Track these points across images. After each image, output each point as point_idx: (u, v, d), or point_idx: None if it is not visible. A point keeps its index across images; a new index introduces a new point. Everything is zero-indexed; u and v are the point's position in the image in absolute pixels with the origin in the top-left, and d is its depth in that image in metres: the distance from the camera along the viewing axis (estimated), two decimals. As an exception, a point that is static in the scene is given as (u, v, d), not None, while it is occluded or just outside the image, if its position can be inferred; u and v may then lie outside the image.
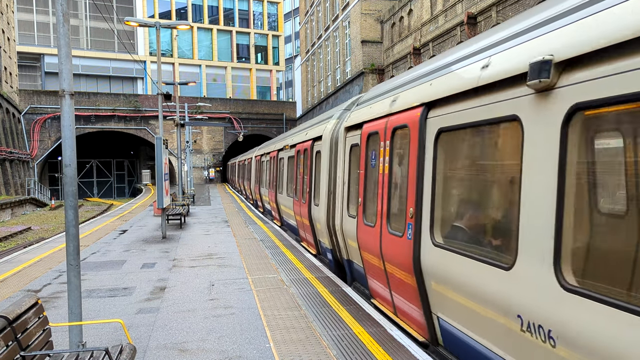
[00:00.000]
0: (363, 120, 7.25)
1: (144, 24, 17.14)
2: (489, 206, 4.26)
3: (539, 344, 3.24)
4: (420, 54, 27.13)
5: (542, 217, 3.24)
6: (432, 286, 4.87)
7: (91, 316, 6.70)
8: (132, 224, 18.48)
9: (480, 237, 4.30)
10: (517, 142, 3.60)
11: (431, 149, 4.95)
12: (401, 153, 5.80)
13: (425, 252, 4.96)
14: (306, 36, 50.56)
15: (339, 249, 8.85)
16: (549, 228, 3.17)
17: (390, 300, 6.22)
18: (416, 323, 5.46)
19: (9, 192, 38.24)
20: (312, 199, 10.51)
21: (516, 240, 3.51)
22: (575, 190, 3.09)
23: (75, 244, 4.91)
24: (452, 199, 4.79)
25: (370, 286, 7.03)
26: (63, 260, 10.63)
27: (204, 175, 55.25)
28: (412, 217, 5.20)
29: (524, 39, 3.64)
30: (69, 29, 4.91)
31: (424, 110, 5.13)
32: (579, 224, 3.07)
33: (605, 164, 3.09)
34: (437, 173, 4.85)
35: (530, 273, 3.34)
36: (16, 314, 3.72)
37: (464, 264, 4.21)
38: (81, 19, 61.77)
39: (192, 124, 30.72)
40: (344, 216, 8.11)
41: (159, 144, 13.10)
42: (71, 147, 4.91)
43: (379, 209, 6.27)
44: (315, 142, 10.55)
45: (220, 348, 5.47)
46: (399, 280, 5.66)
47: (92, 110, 49.77)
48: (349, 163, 8.09)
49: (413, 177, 5.23)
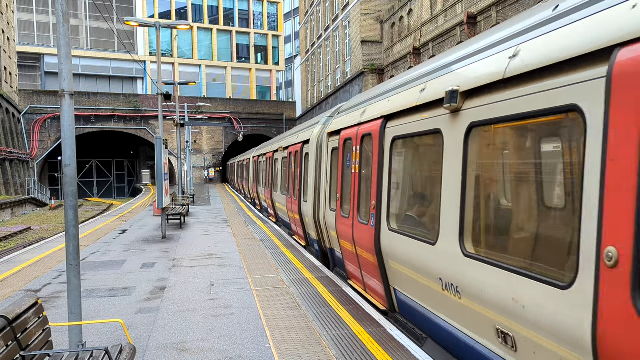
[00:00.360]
0: (341, 127, 8.40)
1: (144, 24, 17.15)
2: (424, 199, 5.53)
3: (452, 297, 4.47)
4: (420, 54, 27.13)
5: (454, 206, 4.44)
6: (389, 263, 6.09)
7: (91, 316, 6.71)
8: (132, 224, 18.48)
9: (419, 223, 5.59)
10: (441, 149, 4.72)
11: (388, 153, 6.20)
12: (367, 156, 6.98)
13: (383, 236, 6.16)
14: (306, 36, 50.57)
15: (323, 239, 10.03)
16: (457, 212, 4.38)
17: (361, 279, 7.47)
18: (380, 296, 6.69)
19: (9, 192, 38.25)
20: (301, 196, 11.64)
21: (439, 223, 4.67)
22: (473, 186, 4.29)
23: (75, 244, 4.91)
24: (401, 193, 6.12)
25: (347, 269, 8.25)
26: (63, 260, 10.63)
27: (204, 175, 55.25)
28: (374, 209, 6.46)
29: (445, 72, 4.84)
30: (69, 29, 4.92)
31: (383, 122, 6.35)
32: (475, 210, 4.28)
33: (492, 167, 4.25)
34: (391, 173, 6.14)
35: (446, 246, 4.52)
36: (16, 313, 3.72)
37: (408, 243, 5.42)
38: (81, 19, 61.79)
39: (192, 124, 30.72)
40: (326, 210, 9.29)
41: (159, 144, 13.10)
42: (71, 147, 4.91)
43: (352, 203, 7.46)
44: (305, 145, 11.68)
45: (220, 348, 5.48)
46: (366, 261, 6.91)
47: (92, 110, 49.77)
48: (331, 164, 9.33)
49: (375, 176, 6.51)
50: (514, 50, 3.73)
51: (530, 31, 3.65)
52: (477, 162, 4.28)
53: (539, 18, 3.63)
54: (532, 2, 17.89)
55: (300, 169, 11.86)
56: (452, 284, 4.44)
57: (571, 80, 3.08)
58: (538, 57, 3.39)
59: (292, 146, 13.29)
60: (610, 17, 2.81)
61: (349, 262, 7.95)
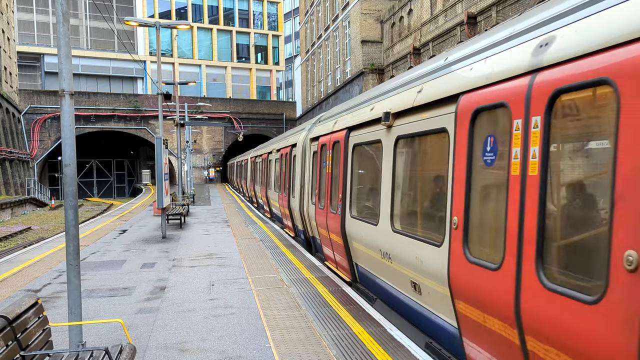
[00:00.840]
0: (319, 135, 10.09)
1: (144, 23, 17.14)
2: (372, 192, 7.14)
3: (386, 262, 6.22)
4: (420, 54, 27.13)
5: (387, 196, 6.20)
6: (352, 244, 7.73)
7: (91, 316, 6.70)
8: (132, 223, 18.48)
9: (369, 210, 7.26)
10: (380, 155, 6.50)
11: (350, 157, 7.92)
12: (337, 159, 8.64)
13: (347, 222, 7.86)
14: (306, 36, 50.56)
15: (307, 229, 11.70)
16: (389, 201, 6.14)
17: (333, 259, 9.21)
18: (346, 270, 8.43)
19: (9, 192, 38.25)
20: (290, 193, 13.32)
21: (380, 209, 6.42)
22: (398, 182, 6.08)
23: (75, 244, 4.91)
24: (358, 188, 7.82)
25: (324, 252, 10.05)
26: (63, 260, 10.63)
27: (204, 175, 55.23)
28: (340, 201, 8.18)
29: (384, 97, 6.65)
30: (69, 29, 4.91)
31: (347, 132, 8.05)
32: (400, 199, 6.05)
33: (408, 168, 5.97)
34: (352, 172, 7.85)
35: (383, 226, 6.28)
36: (16, 313, 3.72)
37: (362, 226, 7.13)
38: (81, 19, 61.78)
39: (192, 123, 30.73)
40: (309, 204, 10.92)
41: (159, 144, 13.10)
42: (71, 147, 4.91)
43: (327, 197, 9.12)
44: (293, 148, 13.46)
45: (220, 348, 5.47)
46: (336, 243, 8.60)
47: (92, 110, 49.75)
48: (312, 165, 10.88)
49: (341, 175, 8.23)
50: (420, 87, 5.42)
51: (429, 75, 5.33)
52: (400, 165, 6.02)
53: (434, 66, 5.34)
54: (531, 2, 17.89)
55: (289, 169, 13.58)
56: (386, 252, 6.19)
57: (442, 112, 4.80)
58: (429, 94, 5.07)
59: (283, 149, 15.05)
60: (458, 75, 4.60)
61: (325, 246, 9.73)
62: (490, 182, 4.13)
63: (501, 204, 3.77)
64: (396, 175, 6.06)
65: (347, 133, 7.96)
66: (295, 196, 12.47)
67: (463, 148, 4.36)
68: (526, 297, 3.35)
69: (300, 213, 11.90)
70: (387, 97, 6.50)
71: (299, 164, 12.21)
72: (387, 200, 6.17)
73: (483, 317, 3.95)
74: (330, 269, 9.53)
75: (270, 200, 18.51)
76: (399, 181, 6.05)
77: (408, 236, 5.50)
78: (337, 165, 8.47)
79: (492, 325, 3.82)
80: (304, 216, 11.51)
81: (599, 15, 2.96)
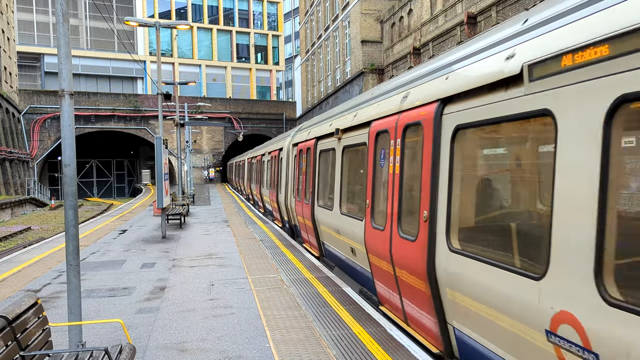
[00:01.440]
0: (298, 141, 12.61)
1: (144, 23, 17.13)
2: (330, 187, 9.19)
3: (337, 236, 8.47)
4: (420, 54, 27.12)
5: (337, 190, 8.44)
6: (320, 227, 9.88)
7: (91, 316, 6.70)
8: (132, 223, 18.48)
9: (329, 200, 9.35)
10: (334, 159, 8.81)
11: (317, 160, 10.26)
12: (309, 161, 11.08)
13: (315, 210, 10.07)
14: (306, 36, 50.55)
15: (290, 219, 14.11)
16: (339, 193, 8.44)
17: (308, 240, 11.47)
18: (316, 247, 10.70)
19: (9, 192, 38.25)
20: (278, 189, 15.73)
21: (333, 199, 8.73)
22: (344, 179, 8.30)
23: (75, 244, 4.91)
24: (322, 184, 9.86)
25: (302, 236, 12.42)
26: (63, 260, 10.62)
27: (204, 175, 55.22)
28: (311, 194, 10.46)
29: (336, 117, 9.08)
30: (69, 29, 4.91)
31: (316, 141, 10.39)
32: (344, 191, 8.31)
33: (348, 169, 8.23)
34: (319, 171, 9.99)
35: (336, 210, 8.53)
36: (16, 313, 3.72)
37: (325, 212, 9.24)
38: (81, 19, 61.77)
39: (192, 123, 30.72)
40: (291, 198, 13.28)
41: (159, 144, 13.10)
42: (71, 147, 4.91)
43: (302, 191, 11.25)
44: (280, 152, 15.91)
45: (220, 348, 5.47)
46: (309, 228, 10.84)
47: (92, 110, 49.74)
48: (293, 166, 13.13)
49: (312, 173, 10.52)
50: (355, 112, 7.78)
51: (360, 105, 7.77)
52: (346, 167, 8.30)
53: (366, 98, 7.69)
54: (531, 2, 17.89)
55: (277, 169, 16.09)
56: (337, 229, 8.47)
57: (363, 132, 7.22)
58: (359, 118, 7.42)
59: (273, 152, 17.68)
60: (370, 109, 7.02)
61: (302, 230, 12.00)
62: (383, 178, 6.34)
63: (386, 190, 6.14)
64: (343, 174, 8.42)
65: (316, 142, 10.09)
66: (281, 192, 14.99)
67: (372, 155, 6.73)
68: (394, 244, 5.77)
69: (285, 206, 14.38)
70: (339, 117, 8.92)
71: (284, 165, 14.63)
72: (338, 192, 8.53)
73: (379, 261, 6.34)
74: (306, 248, 11.74)
75: (263, 197, 20.99)
76: (344, 178, 8.36)
77: (348, 216, 7.85)
78: (309, 167, 10.57)
79: (381, 264, 6.27)
80: (288, 208, 13.98)
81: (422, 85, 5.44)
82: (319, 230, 10.09)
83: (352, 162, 8.14)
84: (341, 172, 8.45)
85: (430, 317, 5.03)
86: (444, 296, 4.72)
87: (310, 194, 10.51)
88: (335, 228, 8.55)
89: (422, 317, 5.24)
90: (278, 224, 16.95)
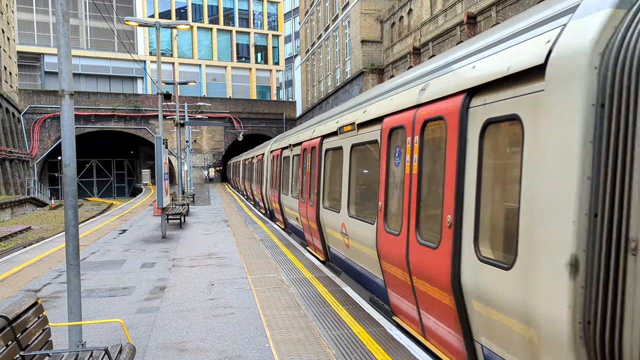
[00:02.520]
0: (273, 149, 16.80)
1: (144, 23, 17.13)
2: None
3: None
4: (420, 54, 27.12)
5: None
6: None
7: (91, 316, 6.71)
8: (132, 223, 18.48)
9: (293, 188, 12.90)
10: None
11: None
12: (277, 164, 15.52)
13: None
14: (306, 36, 50.54)
15: (267, 204, 19.04)
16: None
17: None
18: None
19: (9, 191, 38.24)
20: (261, 184, 20.60)
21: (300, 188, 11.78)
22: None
23: (75, 244, 4.91)
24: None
25: (276, 217, 16.87)
26: (63, 260, 10.63)
27: (204, 174, 55.21)
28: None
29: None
30: (69, 29, 4.92)
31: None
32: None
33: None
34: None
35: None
36: (16, 313, 3.72)
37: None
38: (81, 19, 61.74)
39: (192, 123, 30.72)
40: (268, 189, 17.67)
41: (159, 144, 13.10)
42: (71, 147, 4.91)
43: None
44: (263, 156, 20.67)
45: (220, 348, 5.48)
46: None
47: (92, 109, 49.73)
48: (269, 167, 18.11)
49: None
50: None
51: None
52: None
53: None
54: (531, 2, 17.89)
55: (261, 169, 20.83)
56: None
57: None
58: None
59: (259, 155, 22.71)
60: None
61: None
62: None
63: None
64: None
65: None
66: (264, 186, 19.81)
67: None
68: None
69: (265, 195, 19.39)
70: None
71: (264, 166, 19.63)
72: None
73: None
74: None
75: (253, 191, 25.49)
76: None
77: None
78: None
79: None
80: (267, 197, 18.97)
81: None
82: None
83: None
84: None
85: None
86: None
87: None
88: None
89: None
90: (261, 211, 21.62)
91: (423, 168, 5.11)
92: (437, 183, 4.82)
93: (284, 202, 14.47)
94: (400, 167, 5.68)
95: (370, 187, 7.08)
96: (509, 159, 3.91)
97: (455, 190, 4.31)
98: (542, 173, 3.26)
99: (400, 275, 5.61)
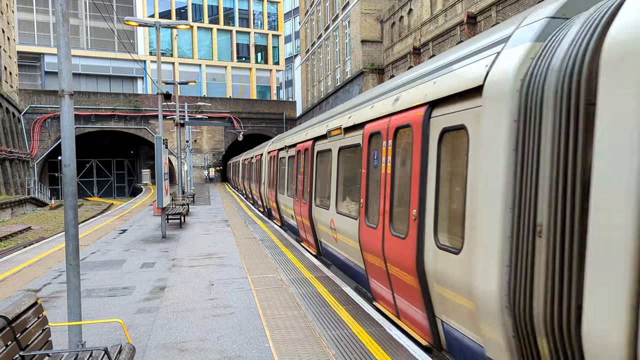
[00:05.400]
0: (271, 150, 17.78)
1: (144, 23, 17.12)
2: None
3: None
4: (420, 54, 27.12)
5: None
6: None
7: (91, 316, 6.71)
8: (132, 223, 18.48)
9: (288, 185, 13.85)
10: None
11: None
12: (273, 164, 16.85)
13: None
14: (306, 36, 50.53)
15: (265, 202, 19.80)
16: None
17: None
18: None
19: (9, 191, 38.24)
20: (260, 184, 21.68)
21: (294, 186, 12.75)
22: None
23: (75, 244, 4.91)
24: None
25: (273, 215, 17.47)
26: (63, 260, 10.63)
27: (204, 174, 55.21)
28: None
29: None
30: (69, 29, 4.92)
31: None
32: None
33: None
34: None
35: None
36: (15, 313, 3.72)
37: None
38: (81, 19, 61.73)
39: (192, 123, 30.72)
40: (266, 188, 18.57)
41: (159, 144, 13.10)
42: (71, 147, 4.91)
43: (273, 184, 13.71)
44: (261, 156, 21.82)
45: (220, 348, 5.48)
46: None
47: (92, 109, 49.72)
48: (267, 167, 19.08)
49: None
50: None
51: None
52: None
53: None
54: (531, 2, 17.88)
55: (260, 169, 21.96)
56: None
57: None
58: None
59: (257, 156, 23.97)
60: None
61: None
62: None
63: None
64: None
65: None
66: (262, 185, 20.86)
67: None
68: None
69: (263, 194, 20.33)
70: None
71: (263, 167, 20.66)
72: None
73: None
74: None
75: (252, 191, 26.33)
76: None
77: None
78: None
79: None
80: (265, 196, 19.88)
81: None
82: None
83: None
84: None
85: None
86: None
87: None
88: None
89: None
90: (259, 209, 23.12)
91: (395, 169, 5.90)
92: (405, 182, 5.57)
93: (280, 200, 15.40)
94: (378, 168, 6.51)
95: (354, 186, 7.88)
96: (459, 162, 4.67)
97: (419, 188, 5.07)
98: (480, 175, 3.96)
99: (378, 263, 6.38)
